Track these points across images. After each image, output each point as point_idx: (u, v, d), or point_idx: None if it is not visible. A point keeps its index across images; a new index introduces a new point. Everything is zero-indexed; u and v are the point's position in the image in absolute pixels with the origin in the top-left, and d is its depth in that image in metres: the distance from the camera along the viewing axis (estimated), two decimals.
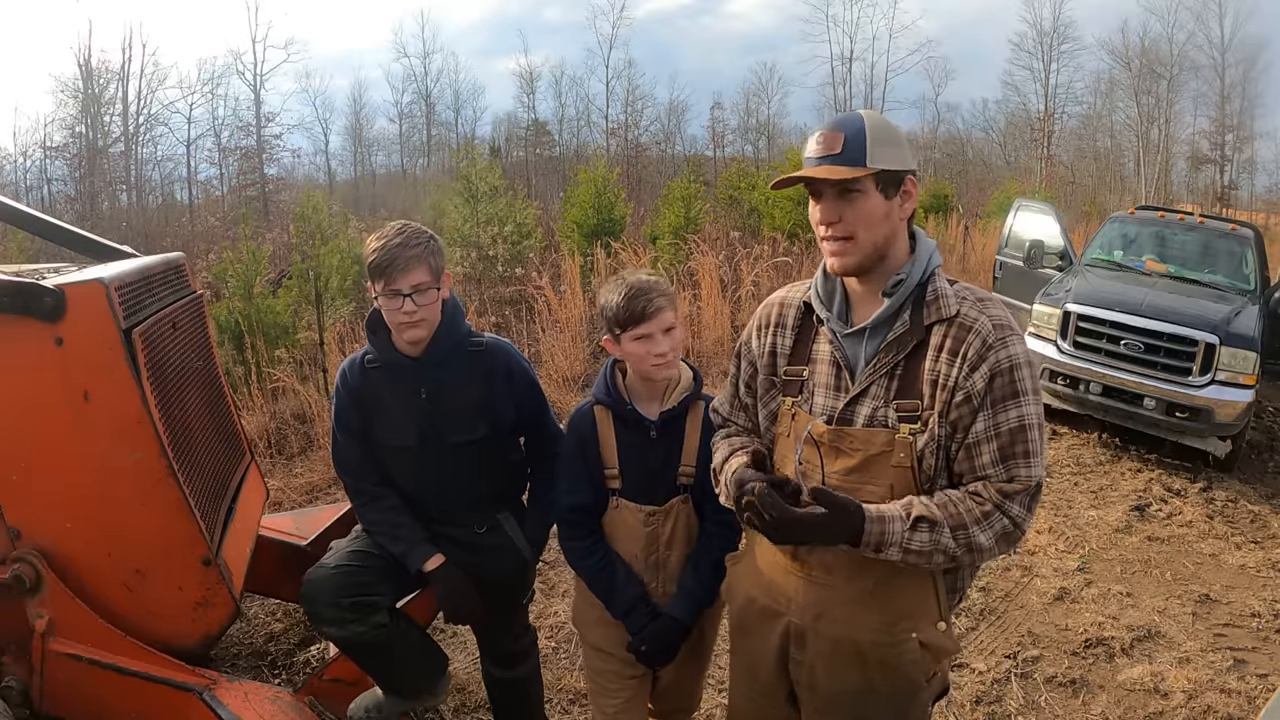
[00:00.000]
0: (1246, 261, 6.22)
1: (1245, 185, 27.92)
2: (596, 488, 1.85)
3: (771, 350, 1.56)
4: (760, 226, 12.56)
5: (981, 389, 1.33)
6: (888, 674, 1.44)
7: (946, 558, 1.33)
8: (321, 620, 2.00)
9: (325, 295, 7.63)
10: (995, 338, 1.34)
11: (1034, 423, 1.35)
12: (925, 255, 1.42)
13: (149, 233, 17.81)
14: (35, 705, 2.01)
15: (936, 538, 1.31)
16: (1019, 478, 1.34)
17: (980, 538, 1.32)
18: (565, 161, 30.02)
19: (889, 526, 1.31)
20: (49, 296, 1.88)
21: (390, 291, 1.88)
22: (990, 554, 1.36)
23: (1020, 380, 1.34)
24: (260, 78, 29.08)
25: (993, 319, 1.36)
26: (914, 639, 1.43)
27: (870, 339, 1.42)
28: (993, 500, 1.33)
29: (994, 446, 1.34)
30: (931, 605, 1.44)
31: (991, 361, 1.33)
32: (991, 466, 1.35)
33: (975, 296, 1.40)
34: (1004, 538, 1.35)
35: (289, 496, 4.45)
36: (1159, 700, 2.85)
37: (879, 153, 1.35)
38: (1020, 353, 1.35)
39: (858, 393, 1.41)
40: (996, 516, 1.33)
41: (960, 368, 1.34)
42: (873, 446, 1.38)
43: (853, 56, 32.14)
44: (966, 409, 1.34)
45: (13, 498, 1.98)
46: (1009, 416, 1.34)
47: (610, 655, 1.89)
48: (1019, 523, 1.34)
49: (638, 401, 1.82)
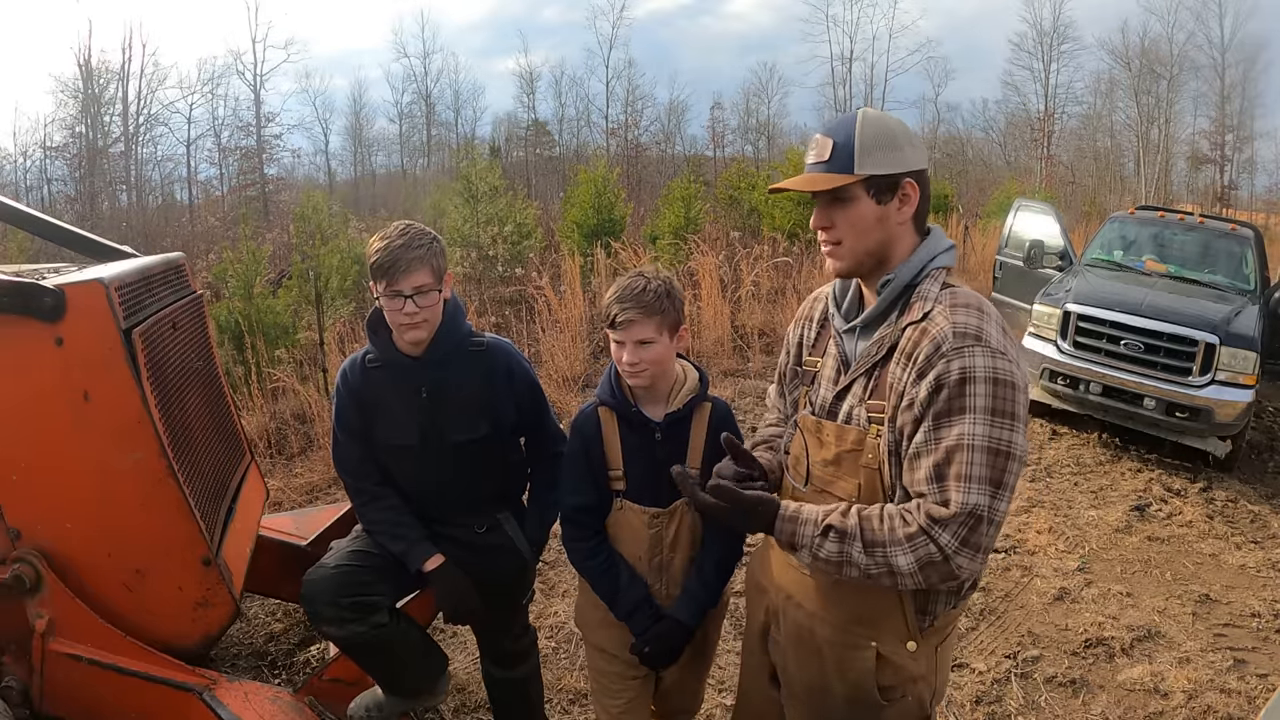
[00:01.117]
0: (1246, 261, 6.22)
1: (1245, 185, 27.94)
2: (600, 489, 1.84)
3: (799, 342, 1.59)
4: (760, 226, 12.56)
5: (924, 398, 1.25)
6: (841, 676, 1.43)
7: (860, 573, 1.26)
8: (321, 620, 2.00)
9: (325, 295, 7.63)
10: (951, 346, 1.24)
11: (979, 445, 1.21)
12: (922, 256, 1.38)
13: (149, 233, 17.80)
14: (35, 705, 2.00)
15: (846, 549, 1.26)
16: (951, 501, 1.21)
17: (899, 560, 1.23)
18: (565, 161, 30.01)
19: (800, 529, 1.30)
20: (49, 296, 1.88)
21: (392, 293, 1.88)
22: (914, 580, 1.24)
23: (970, 395, 1.22)
24: (260, 78, 29.11)
25: (956, 326, 1.26)
26: (872, 648, 1.39)
27: (861, 337, 1.43)
28: (919, 523, 1.22)
29: (929, 462, 1.24)
30: (897, 620, 1.38)
31: (939, 370, 1.24)
32: (925, 484, 1.25)
33: (957, 302, 1.30)
34: (929, 566, 1.22)
35: (289, 496, 4.45)
36: (1159, 700, 2.86)
37: (869, 158, 1.32)
38: (980, 366, 1.22)
39: (842, 389, 1.42)
40: (922, 541, 1.22)
41: (909, 373, 1.28)
42: (844, 443, 1.39)
43: (853, 56, 32.18)
44: (909, 417, 1.28)
45: (13, 498, 1.98)
46: (949, 433, 1.22)
47: (613, 657, 1.89)
48: (948, 555, 1.21)
49: (642, 403, 1.81)
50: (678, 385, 1.82)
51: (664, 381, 1.80)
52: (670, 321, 1.74)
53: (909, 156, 1.35)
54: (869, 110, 1.39)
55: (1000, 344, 1.26)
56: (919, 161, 1.37)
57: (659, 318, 1.71)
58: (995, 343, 1.25)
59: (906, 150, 1.35)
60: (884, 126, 1.35)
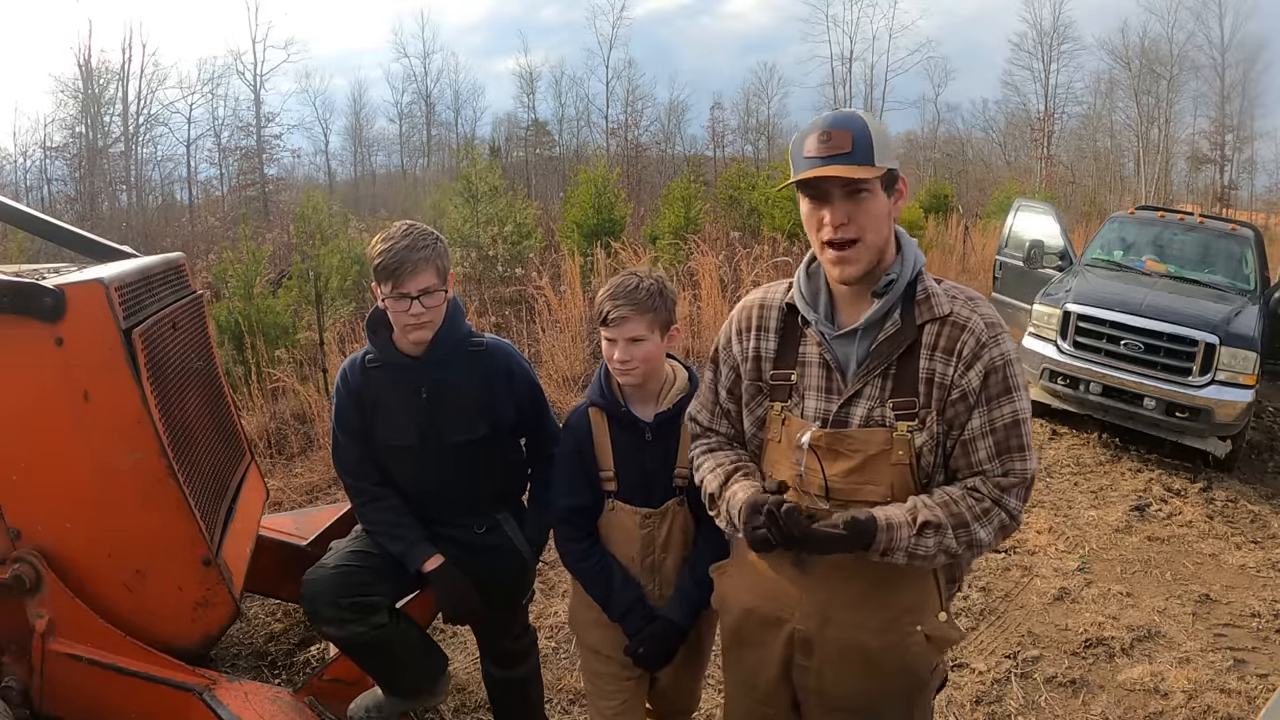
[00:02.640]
0: (1246, 261, 6.22)
1: (1245, 185, 27.98)
2: (594, 490, 1.84)
3: (755, 354, 1.53)
4: (760, 226, 12.56)
5: (977, 386, 1.36)
6: (896, 671, 1.45)
7: (948, 556, 1.37)
8: (321, 620, 2.00)
9: (325, 295, 7.63)
10: (989, 336, 1.37)
11: (1026, 418, 1.39)
12: (912, 254, 1.43)
13: (149, 233, 17.83)
14: (35, 705, 2.00)
15: (941, 539, 1.34)
16: (1014, 471, 1.37)
17: (980, 533, 1.36)
18: (565, 161, 30.02)
19: (896, 534, 1.32)
20: (49, 296, 1.88)
21: (398, 294, 1.88)
22: (989, 547, 1.41)
23: (1013, 376, 1.38)
24: (260, 78, 29.14)
25: (984, 318, 1.39)
26: (919, 631, 1.45)
27: (862, 339, 1.42)
28: (991, 496, 1.37)
29: (990, 442, 1.37)
30: (932, 597, 1.47)
31: (986, 359, 1.36)
32: (988, 462, 1.38)
33: (965, 295, 1.43)
34: (1001, 530, 1.39)
35: (289, 496, 4.45)
36: (1159, 700, 2.85)
37: (882, 152, 1.35)
38: (1010, 350, 1.39)
39: (852, 394, 1.41)
40: (995, 512, 1.37)
41: (956, 366, 1.37)
42: (871, 446, 1.39)
43: (853, 56, 32.23)
44: (963, 406, 1.38)
45: (13, 498, 1.98)
46: (1004, 412, 1.37)
47: (608, 658, 1.89)
48: (1015, 515, 1.38)
49: (632, 403, 1.81)
50: (667, 385, 1.82)
51: (654, 381, 1.80)
52: (662, 320, 1.74)
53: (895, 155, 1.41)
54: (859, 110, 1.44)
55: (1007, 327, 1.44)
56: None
57: (651, 315, 1.72)
58: (1006, 327, 1.43)
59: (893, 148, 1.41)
60: (880, 124, 1.40)
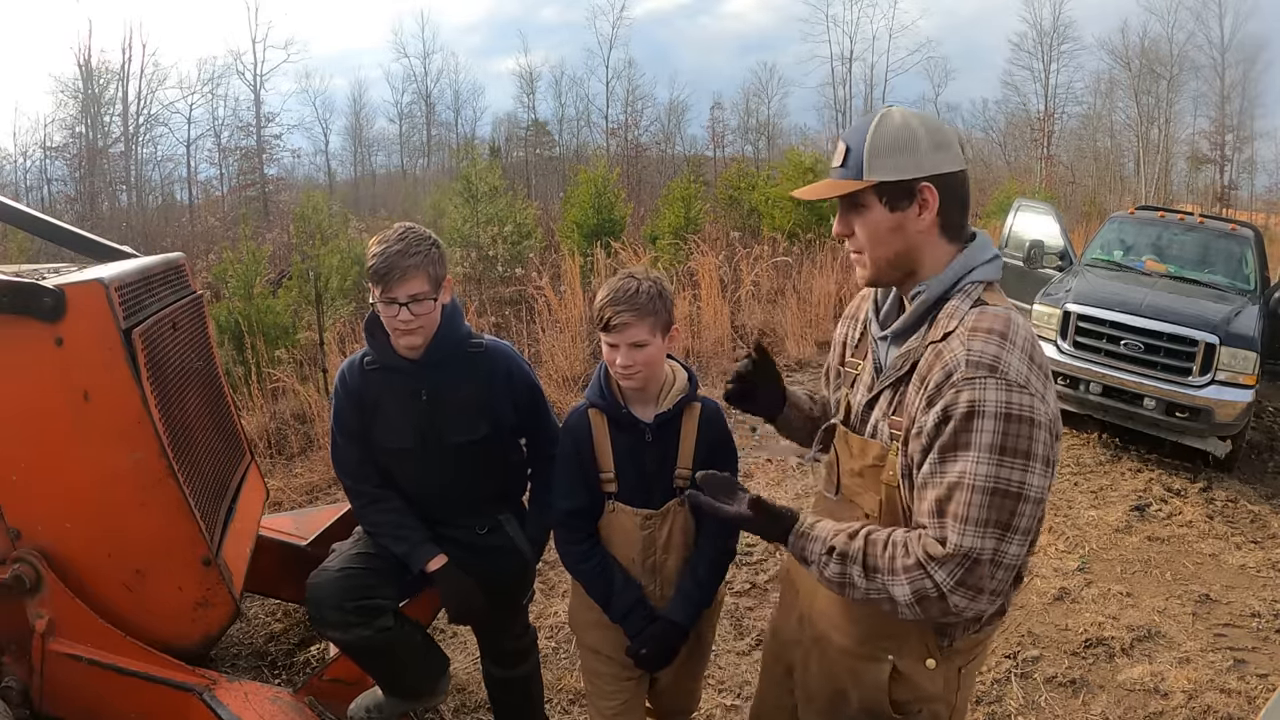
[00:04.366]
0: (1246, 261, 6.21)
1: (1245, 185, 27.90)
2: (593, 492, 1.83)
3: (843, 340, 1.56)
4: (760, 227, 12.57)
5: (931, 429, 1.19)
6: (855, 686, 1.41)
7: (862, 595, 1.24)
8: (326, 624, 2.00)
9: (325, 295, 7.64)
10: (962, 375, 1.15)
11: (979, 485, 1.14)
12: (957, 269, 1.29)
13: (149, 233, 17.83)
14: (35, 705, 2.00)
15: (846, 571, 1.24)
16: (947, 540, 1.16)
17: (896, 590, 1.19)
18: (565, 161, 29.98)
19: (810, 545, 1.29)
20: (49, 296, 1.88)
21: (387, 299, 1.88)
22: (912, 612, 1.20)
23: (976, 431, 1.14)
24: (260, 78, 29.07)
25: (971, 354, 1.16)
26: (889, 662, 1.37)
27: (893, 345, 1.36)
28: (918, 556, 1.17)
29: (932, 496, 1.19)
30: (916, 638, 1.35)
31: (947, 401, 1.16)
32: (927, 517, 1.20)
33: (980, 325, 1.20)
34: (925, 601, 1.18)
35: (289, 496, 4.45)
36: (1159, 700, 2.85)
37: (879, 163, 1.25)
38: (990, 400, 1.13)
39: (871, 398, 1.38)
40: (919, 575, 1.17)
41: (921, 398, 1.22)
42: (867, 457, 1.35)
43: (853, 56, 32.15)
44: (917, 445, 1.22)
45: (13, 498, 1.98)
46: (952, 469, 1.16)
47: (608, 658, 1.88)
48: (943, 593, 1.16)
49: (631, 404, 1.80)
50: (667, 385, 1.81)
51: (654, 383, 1.79)
52: (663, 322, 1.73)
53: (930, 160, 1.25)
54: (894, 110, 1.29)
55: (1020, 376, 1.15)
56: (944, 165, 1.26)
57: (652, 319, 1.70)
58: (1014, 374, 1.15)
59: (928, 154, 1.25)
60: (903, 129, 1.26)
